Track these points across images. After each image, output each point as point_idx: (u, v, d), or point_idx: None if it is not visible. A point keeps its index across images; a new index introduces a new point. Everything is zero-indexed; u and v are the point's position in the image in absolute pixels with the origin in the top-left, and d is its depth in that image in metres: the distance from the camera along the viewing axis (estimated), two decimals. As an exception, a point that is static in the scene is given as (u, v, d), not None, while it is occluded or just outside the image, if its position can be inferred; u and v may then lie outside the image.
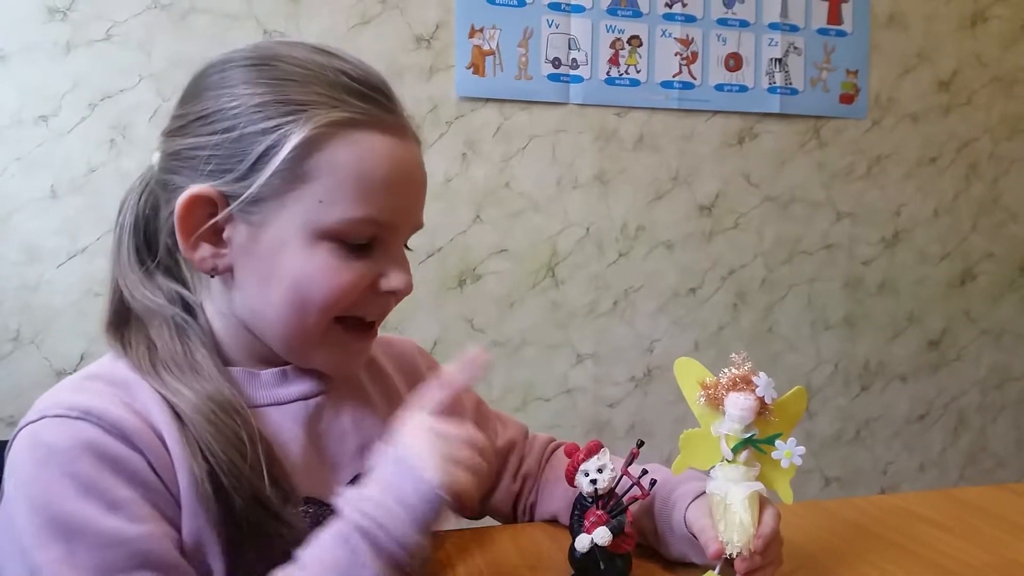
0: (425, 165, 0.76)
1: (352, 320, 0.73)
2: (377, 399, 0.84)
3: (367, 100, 0.71)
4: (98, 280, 1.87)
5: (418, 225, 0.77)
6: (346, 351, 0.75)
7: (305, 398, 0.76)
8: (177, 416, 0.67)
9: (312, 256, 0.69)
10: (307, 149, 0.67)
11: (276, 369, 0.75)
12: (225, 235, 0.70)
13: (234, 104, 0.68)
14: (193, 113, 0.70)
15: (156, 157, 0.74)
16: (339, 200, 0.68)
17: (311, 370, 0.77)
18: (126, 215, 0.75)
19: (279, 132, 0.67)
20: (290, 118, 0.68)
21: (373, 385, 0.86)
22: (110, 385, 0.68)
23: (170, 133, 0.72)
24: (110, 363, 0.72)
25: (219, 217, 0.69)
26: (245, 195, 0.68)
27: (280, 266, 0.69)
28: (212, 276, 0.72)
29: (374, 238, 0.71)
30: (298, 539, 0.66)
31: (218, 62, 0.72)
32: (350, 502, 0.65)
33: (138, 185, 0.76)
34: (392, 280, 0.73)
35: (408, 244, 0.78)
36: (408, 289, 0.73)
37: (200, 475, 0.65)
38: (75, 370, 1.86)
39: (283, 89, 0.69)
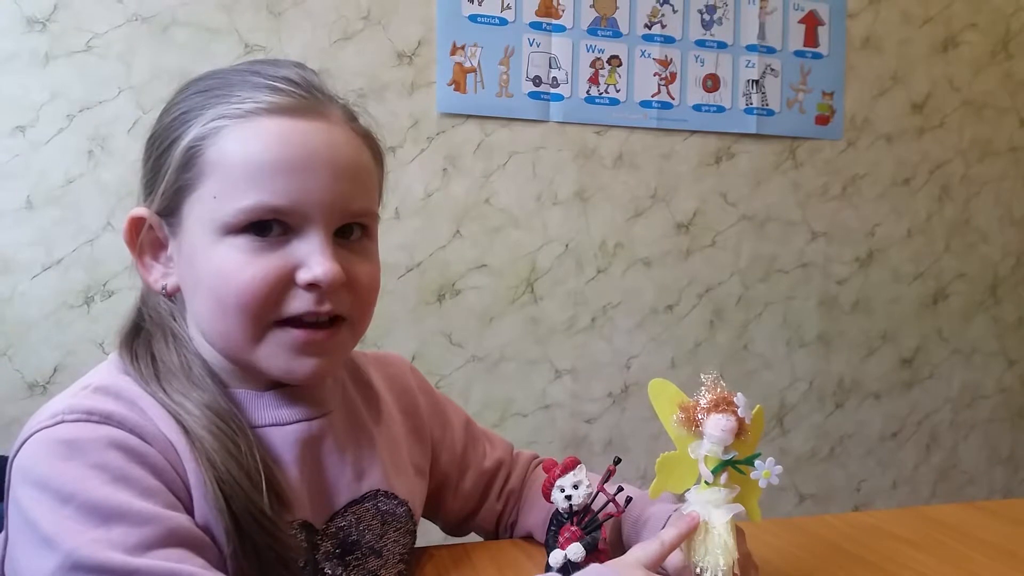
0: (353, 147, 0.71)
1: (293, 321, 0.68)
2: (370, 422, 0.83)
3: (269, 91, 0.68)
4: (73, 292, 1.85)
5: (346, 210, 0.69)
6: (294, 353, 0.69)
7: (308, 419, 0.74)
8: (184, 430, 0.67)
9: (218, 254, 0.67)
10: (197, 149, 0.68)
11: (280, 390, 0.74)
12: (168, 253, 0.72)
13: (158, 128, 0.72)
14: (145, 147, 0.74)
15: None
16: (230, 192, 0.66)
17: (314, 391, 0.76)
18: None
19: (177, 140, 0.69)
20: (187, 125, 0.69)
21: (367, 407, 0.84)
22: (117, 399, 0.67)
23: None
24: (111, 377, 0.70)
25: (144, 231, 0.71)
26: (155, 207, 0.70)
27: (198, 271, 0.69)
28: (165, 295, 0.73)
29: (286, 227, 0.67)
30: (291, 558, 0.66)
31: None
32: None
33: None
34: (309, 270, 0.66)
35: (374, 235, 0.73)
36: (328, 279, 0.66)
37: (212, 488, 0.65)
38: (49, 383, 1.86)
39: (191, 102, 0.70)
